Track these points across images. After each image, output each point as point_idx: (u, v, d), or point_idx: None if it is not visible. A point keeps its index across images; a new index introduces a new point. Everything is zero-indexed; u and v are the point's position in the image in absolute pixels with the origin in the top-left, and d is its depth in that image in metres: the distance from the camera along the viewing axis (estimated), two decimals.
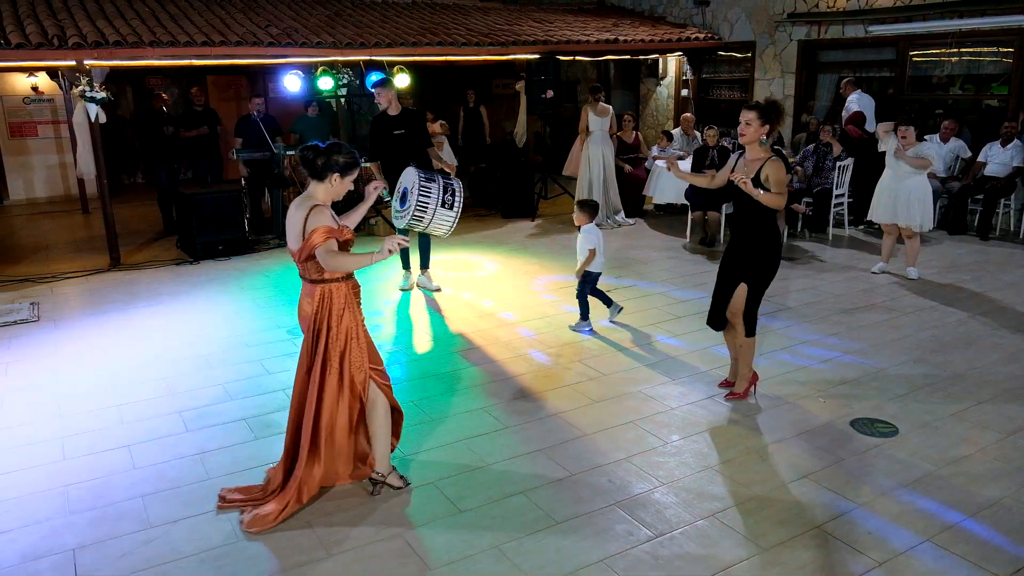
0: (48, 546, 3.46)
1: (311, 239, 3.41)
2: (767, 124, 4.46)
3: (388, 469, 3.84)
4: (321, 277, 3.54)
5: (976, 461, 4.07)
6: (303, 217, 3.44)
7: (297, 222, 3.46)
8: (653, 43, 11.69)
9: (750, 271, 4.60)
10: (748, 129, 4.47)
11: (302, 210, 3.46)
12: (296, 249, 3.51)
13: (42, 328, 6.45)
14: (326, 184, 3.52)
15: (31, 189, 13.10)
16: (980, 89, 10.01)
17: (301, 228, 3.45)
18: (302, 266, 3.56)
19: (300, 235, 3.46)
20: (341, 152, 3.53)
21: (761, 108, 4.46)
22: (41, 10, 8.66)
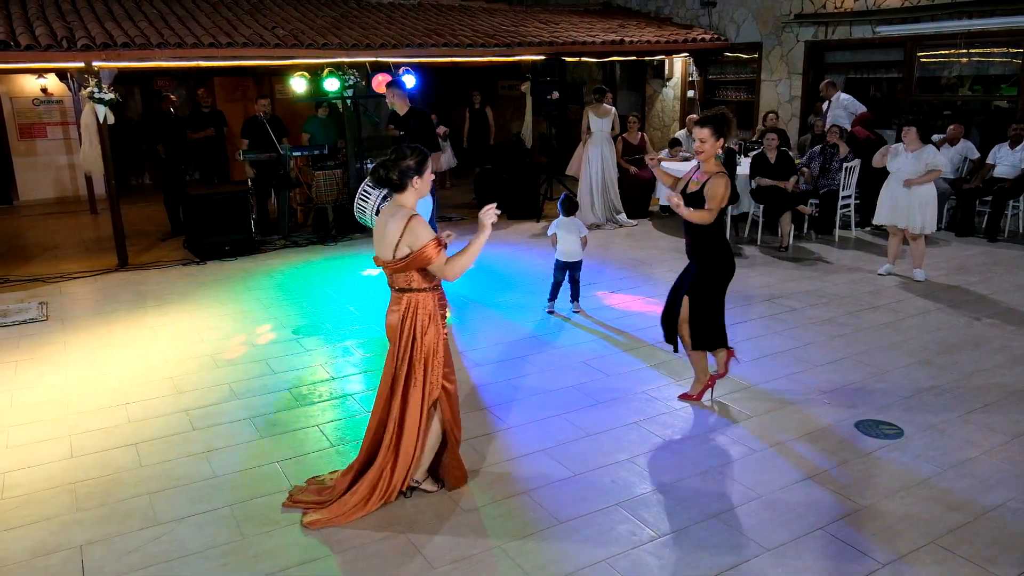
0: (57, 542, 3.49)
1: (423, 254, 3.37)
2: (721, 138, 4.38)
3: (424, 476, 3.84)
4: (409, 286, 3.51)
5: (982, 464, 4.06)
6: (400, 229, 3.39)
7: (392, 233, 3.41)
8: (659, 44, 11.70)
9: (694, 284, 4.58)
10: (704, 146, 4.39)
11: (398, 221, 3.40)
12: (389, 260, 3.46)
13: (50, 327, 6.49)
14: (411, 190, 3.49)
15: (40, 190, 13.17)
16: (989, 90, 9.98)
17: (397, 239, 3.39)
18: (391, 276, 3.54)
19: (394, 246, 3.41)
20: (406, 156, 3.47)
21: (713, 122, 4.37)
22: (50, 12, 8.72)
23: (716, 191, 4.33)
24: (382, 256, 3.51)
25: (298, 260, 8.68)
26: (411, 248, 3.39)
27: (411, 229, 3.38)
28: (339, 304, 7.04)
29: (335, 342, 6.04)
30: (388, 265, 3.49)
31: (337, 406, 4.89)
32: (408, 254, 3.40)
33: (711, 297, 4.59)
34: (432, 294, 3.57)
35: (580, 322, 6.41)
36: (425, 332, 3.55)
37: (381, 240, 3.49)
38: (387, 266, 3.50)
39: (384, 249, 3.48)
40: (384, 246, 3.47)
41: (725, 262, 4.56)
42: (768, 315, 6.47)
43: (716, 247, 4.53)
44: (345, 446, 4.35)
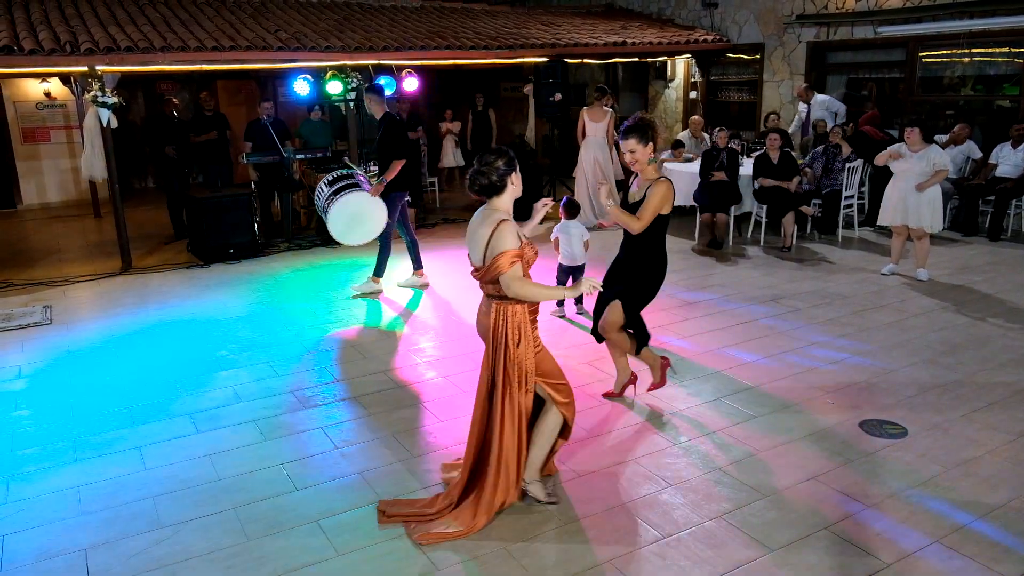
0: (62, 545, 3.50)
1: (497, 264, 3.29)
2: (649, 142, 4.31)
3: (534, 476, 3.71)
4: (499, 293, 3.42)
5: (986, 463, 4.05)
6: (488, 235, 3.33)
7: (482, 238, 3.36)
8: (661, 45, 11.69)
9: (627, 289, 4.55)
10: (635, 156, 4.32)
11: (487, 226, 3.35)
12: (480, 264, 3.43)
13: (55, 331, 6.51)
14: (508, 190, 3.43)
15: (44, 194, 13.21)
16: (991, 90, 9.97)
17: (486, 244, 3.34)
18: (479, 278, 3.49)
19: (484, 251, 3.36)
20: (498, 157, 3.40)
21: (637, 130, 4.29)
22: (54, 17, 8.75)
23: (651, 200, 4.29)
24: (474, 260, 3.46)
25: (302, 263, 8.69)
26: (494, 251, 3.32)
27: (498, 234, 3.31)
28: (343, 306, 7.04)
29: (339, 344, 6.04)
30: (478, 269, 3.44)
31: (341, 408, 4.89)
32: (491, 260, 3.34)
33: (636, 303, 4.59)
34: (523, 305, 3.45)
35: (583, 323, 6.41)
36: (517, 343, 3.43)
37: (473, 244, 3.43)
38: (477, 270, 3.45)
39: (476, 253, 3.43)
40: (476, 250, 3.42)
41: (657, 272, 4.55)
42: (772, 315, 6.46)
43: (652, 254, 4.48)
44: (349, 448, 4.35)
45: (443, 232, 10.28)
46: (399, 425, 4.64)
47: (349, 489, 3.93)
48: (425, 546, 3.41)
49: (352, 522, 3.63)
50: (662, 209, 4.33)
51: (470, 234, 3.48)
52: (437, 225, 10.68)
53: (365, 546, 3.44)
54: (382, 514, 3.64)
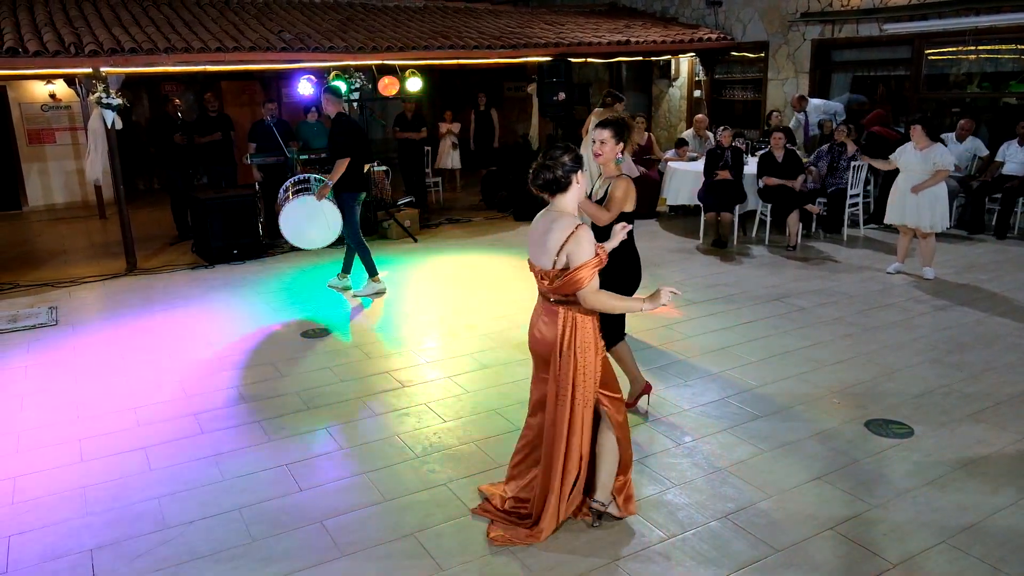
0: (67, 546, 3.50)
1: (577, 276, 3.15)
2: (621, 142, 4.29)
3: (608, 498, 3.56)
4: (567, 299, 3.28)
5: (992, 463, 4.03)
6: (564, 238, 3.17)
7: (555, 242, 3.19)
8: (665, 44, 11.67)
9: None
10: (604, 148, 4.27)
11: (561, 230, 3.19)
12: (548, 268, 3.25)
13: (60, 332, 6.52)
14: (573, 188, 3.28)
15: (49, 195, 13.24)
16: (997, 87, 9.93)
17: (559, 248, 3.18)
18: (547, 285, 3.32)
19: (555, 254, 3.20)
20: (564, 152, 3.27)
21: (614, 126, 4.27)
22: (58, 19, 8.77)
23: (615, 194, 4.28)
24: (540, 264, 3.30)
25: (306, 263, 8.69)
26: (570, 259, 3.17)
27: (577, 239, 3.15)
28: (346, 307, 7.05)
29: (342, 345, 6.05)
30: (546, 274, 3.28)
31: (345, 408, 4.89)
32: (566, 267, 3.19)
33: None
34: (594, 312, 3.34)
35: None
36: (586, 350, 3.32)
37: (540, 247, 3.27)
38: (545, 275, 3.30)
39: (543, 257, 3.26)
40: (544, 253, 3.24)
41: (632, 269, 4.49)
42: (777, 314, 6.45)
43: (623, 253, 4.32)
44: (353, 448, 4.35)
45: (447, 232, 10.28)
46: (402, 425, 4.64)
47: (353, 489, 3.93)
48: (496, 545, 3.40)
49: (357, 523, 3.63)
50: (625, 205, 4.30)
51: (536, 236, 3.31)
52: (440, 225, 10.68)
53: (369, 547, 3.44)
54: (481, 507, 3.65)
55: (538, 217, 3.38)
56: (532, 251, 3.35)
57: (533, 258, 3.35)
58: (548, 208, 3.35)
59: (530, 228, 3.41)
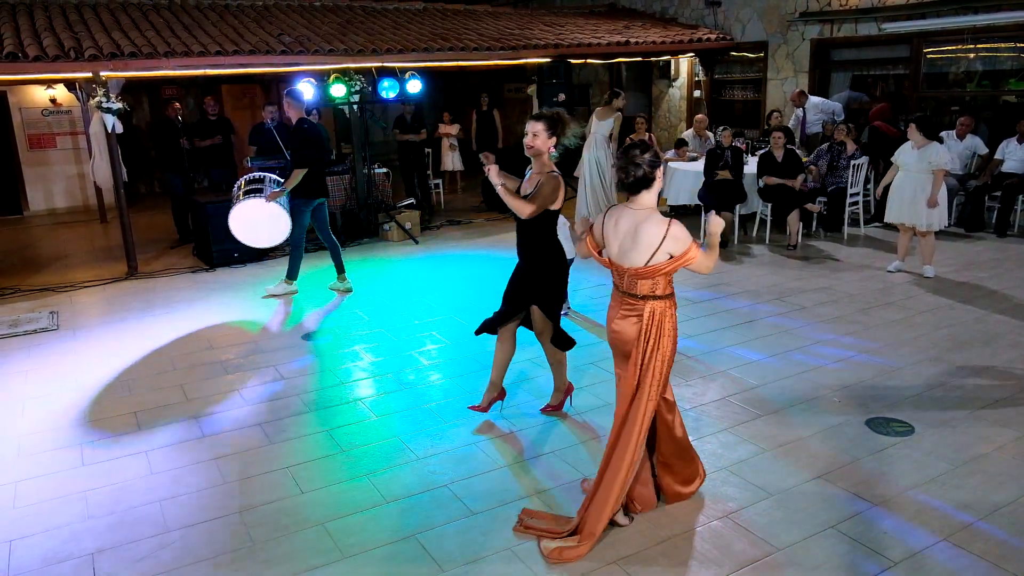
0: (68, 550, 3.51)
1: (688, 255, 3.25)
2: (554, 136, 4.22)
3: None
4: (653, 293, 3.34)
5: (993, 460, 4.03)
6: (661, 234, 3.24)
7: (651, 237, 3.26)
8: (665, 45, 11.67)
9: (537, 292, 4.40)
10: (536, 140, 4.20)
11: (655, 226, 3.26)
12: (640, 266, 3.31)
13: (61, 336, 6.53)
14: (655, 184, 3.35)
15: (50, 200, 13.25)
16: (997, 85, 9.92)
17: (657, 245, 3.25)
18: (634, 281, 3.36)
19: (652, 251, 3.26)
20: (643, 151, 3.32)
21: (548, 119, 4.21)
22: (58, 23, 8.78)
23: (543, 189, 4.19)
24: (629, 262, 3.34)
25: (306, 266, 8.68)
26: (671, 253, 3.27)
27: (673, 236, 3.25)
28: (348, 308, 7.05)
29: (344, 347, 6.05)
30: (636, 271, 3.33)
31: (346, 411, 4.90)
32: (667, 259, 3.28)
33: (554, 299, 4.44)
34: (674, 300, 3.43)
35: (585, 325, 6.40)
36: (671, 342, 3.39)
37: (631, 245, 3.32)
38: (634, 272, 3.34)
39: (635, 255, 3.31)
40: (636, 251, 3.30)
41: (555, 261, 4.41)
42: (777, 313, 6.44)
43: (550, 249, 4.38)
44: (355, 451, 4.36)
45: (448, 234, 10.28)
46: (404, 427, 4.64)
47: (355, 492, 3.93)
48: (553, 564, 3.29)
49: (358, 525, 3.63)
50: (552, 203, 4.22)
51: (621, 234, 3.36)
52: (441, 227, 10.68)
53: (370, 548, 3.45)
54: (519, 523, 3.56)
55: (613, 215, 3.42)
56: (614, 249, 3.41)
57: (618, 257, 3.40)
58: (623, 206, 3.41)
59: (604, 227, 3.46)
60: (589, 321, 6.47)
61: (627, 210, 3.39)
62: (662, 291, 3.36)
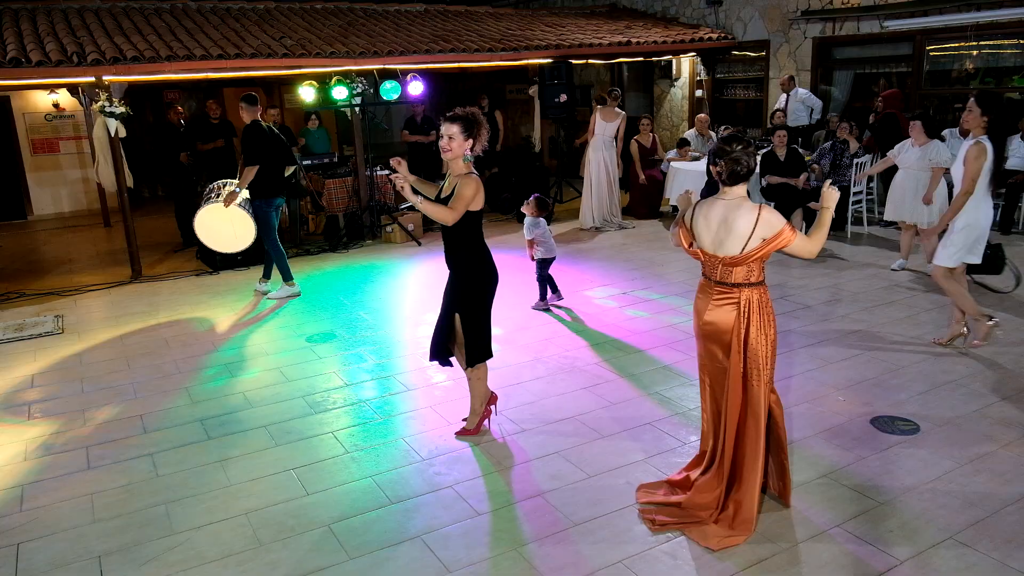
0: (75, 552, 3.52)
1: (781, 237, 3.30)
2: (471, 138, 4.11)
3: None
4: (748, 280, 3.39)
5: (999, 458, 4.02)
6: (753, 221, 3.31)
7: (744, 226, 3.32)
8: (666, 44, 11.68)
9: (458, 300, 4.30)
10: (452, 143, 4.08)
11: (748, 213, 3.32)
12: (736, 253, 3.35)
13: (66, 340, 6.55)
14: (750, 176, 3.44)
15: (54, 204, 13.30)
16: (1000, 82, 9.90)
17: (750, 232, 3.31)
18: (728, 270, 3.40)
19: (746, 238, 3.31)
20: (738, 142, 3.40)
21: (464, 120, 4.10)
22: (60, 28, 8.81)
23: (463, 192, 4.06)
24: (724, 251, 3.38)
25: (310, 268, 8.71)
26: (764, 238, 3.32)
27: (765, 221, 3.31)
28: (351, 311, 7.06)
29: (348, 349, 6.06)
30: (732, 259, 3.37)
31: (351, 412, 4.91)
32: (760, 243, 3.32)
33: (476, 309, 4.31)
34: (766, 286, 3.48)
35: (590, 324, 6.41)
36: (772, 327, 3.43)
37: (726, 234, 3.36)
38: (729, 260, 3.38)
39: (730, 243, 3.36)
40: (731, 239, 3.35)
41: (484, 269, 4.29)
42: (781, 313, 6.43)
43: (473, 254, 4.26)
44: (360, 452, 4.36)
45: None
46: (408, 428, 4.64)
47: (360, 493, 3.94)
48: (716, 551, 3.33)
49: (363, 526, 3.64)
50: (473, 204, 4.11)
51: (714, 225, 3.40)
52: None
53: (376, 550, 3.45)
54: (652, 523, 3.54)
55: (702, 208, 3.46)
56: (707, 240, 3.44)
57: (712, 247, 3.43)
58: (714, 198, 3.46)
59: (694, 220, 3.49)
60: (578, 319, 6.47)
61: (718, 201, 3.44)
62: (756, 278, 3.41)
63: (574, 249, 9.02)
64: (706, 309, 3.50)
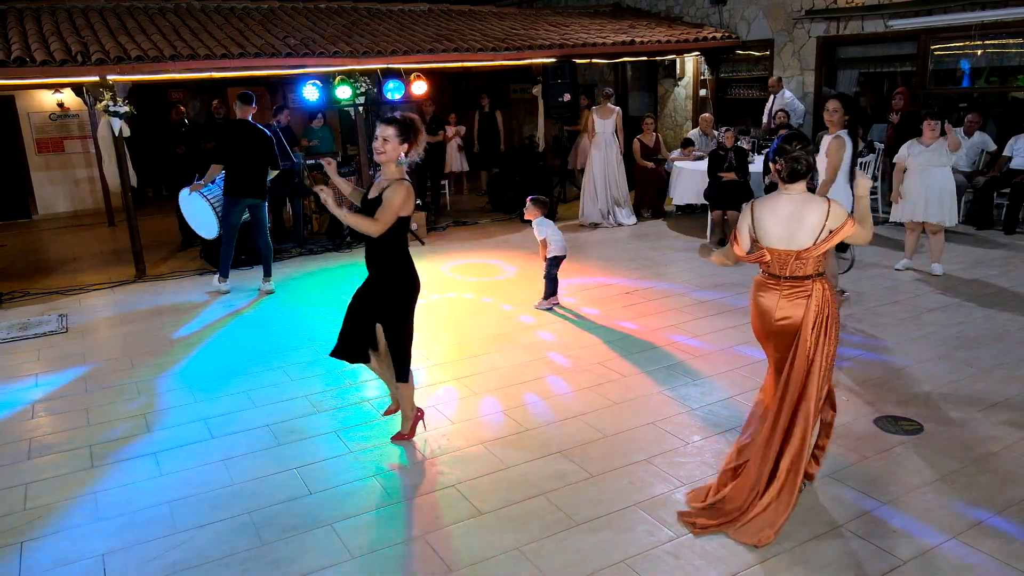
0: (78, 551, 3.53)
1: (846, 227, 3.40)
2: (406, 142, 4.03)
3: None
4: (818, 271, 3.48)
5: (1003, 458, 4.01)
6: (824, 213, 3.38)
7: (815, 219, 3.39)
8: (670, 44, 11.66)
9: (381, 309, 4.18)
10: (386, 146, 3.98)
11: (818, 206, 3.40)
12: (810, 246, 3.42)
13: (70, 339, 6.56)
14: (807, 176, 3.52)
15: (59, 203, 13.33)
16: (1005, 81, 9.87)
17: (822, 224, 3.38)
18: (800, 263, 3.46)
19: (818, 231, 3.39)
20: (798, 141, 3.48)
21: (400, 124, 4.01)
22: (65, 28, 8.83)
23: (392, 198, 3.95)
24: (796, 245, 3.43)
25: (314, 267, 8.72)
26: (831, 230, 3.39)
27: (834, 213, 3.39)
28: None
29: None
30: (806, 252, 3.43)
31: (354, 412, 4.91)
32: (828, 236, 3.40)
33: (401, 320, 4.19)
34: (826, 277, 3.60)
35: (594, 323, 6.40)
36: (837, 319, 3.54)
37: (798, 229, 3.42)
38: (803, 254, 3.43)
39: (802, 236, 3.41)
40: (803, 233, 3.41)
41: (406, 278, 4.17)
42: None
43: (395, 261, 4.12)
44: (362, 451, 4.36)
45: (455, 235, 10.29)
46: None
47: (363, 492, 3.94)
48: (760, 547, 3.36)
49: (366, 525, 3.64)
50: (402, 210, 3.98)
51: (789, 220, 3.43)
52: (448, 228, 10.69)
53: (379, 548, 3.45)
54: (693, 526, 3.53)
55: (764, 207, 3.50)
56: (776, 236, 3.46)
57: (782, 242, 3.46)
58: (774, 196, 3.52)
59: (755, 221, 3.51)
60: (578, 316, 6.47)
61: (783, 197, 3.49)
62: (822, 268, 3.50)
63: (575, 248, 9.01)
64: (777, 305, 3.51)
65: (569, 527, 3.55)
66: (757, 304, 3.59)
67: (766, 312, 3.55)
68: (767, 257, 3.52)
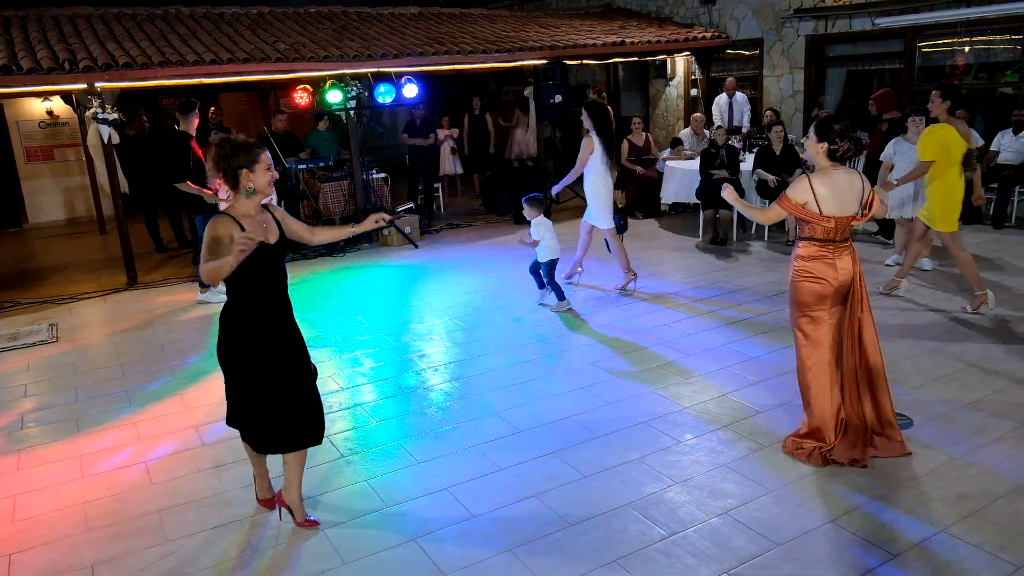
0: (68, 562, 3.51)
1: (878, 198, 4.00)
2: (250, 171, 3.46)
3: None
4: (854, 234, 4.19)
5: (992, 451, 4.02)
6: (865, 183, 3.98)
7: (862, 190, 3.96)
8: (660, 44, 11.69)
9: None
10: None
11: (859, 179, 3.99)
12: (855, 212, 3.97)
13: (60, 349, 6.54)
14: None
15: (49, 212, 13.29)
16: (992, 77, 9.91)
17: (866, 192, 3.98)
18: (847, 228, 3.99)
19: (867, 197, 3.98)
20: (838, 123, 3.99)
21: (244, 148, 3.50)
22: (52, 35, 8.81)
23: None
24: (845, 212, 3.93)
25: (307, 272, 8.71)
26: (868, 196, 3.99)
27: (869, 183, 4.01)
28: (348, 315, 7.05)
29: (344, 353, 6.05)
30: (854, 218, 3.98)
31: (346, 417, 4.90)
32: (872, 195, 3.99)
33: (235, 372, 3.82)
34: None
35: (586, 324, 6.40)
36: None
37: (850, 199, 3.94)
38: (851, 218, 3.96)
39: (853, 205, 3.95)
40: (854, 201, 3.95)
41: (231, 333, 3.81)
42: (776, 310, 6.43)
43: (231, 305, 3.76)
44: (355, 456, 4.36)
45: (449, 237, 10.29)
46: (404, 432, 4.64)
47: (354, 497, 3.93)
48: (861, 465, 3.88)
49: (358, 530, 3.63)
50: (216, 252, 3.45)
51: (844, 191, 3.93)
52: (442, 231, 10.69)
53: (371, 554, 3.44)
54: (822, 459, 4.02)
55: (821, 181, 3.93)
56: (834, 206, 3.92)
57: (838, 210, 3.93)
58: (826, 171, 3.98)
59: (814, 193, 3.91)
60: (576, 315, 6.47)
61: (836, 171, 3.98)
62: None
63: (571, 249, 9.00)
64: (838, 266, 3.97)
65: (561, 528, 3.55)
66: (812, 274, 3.99)
67: (824, 277, 3.97)
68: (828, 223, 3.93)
